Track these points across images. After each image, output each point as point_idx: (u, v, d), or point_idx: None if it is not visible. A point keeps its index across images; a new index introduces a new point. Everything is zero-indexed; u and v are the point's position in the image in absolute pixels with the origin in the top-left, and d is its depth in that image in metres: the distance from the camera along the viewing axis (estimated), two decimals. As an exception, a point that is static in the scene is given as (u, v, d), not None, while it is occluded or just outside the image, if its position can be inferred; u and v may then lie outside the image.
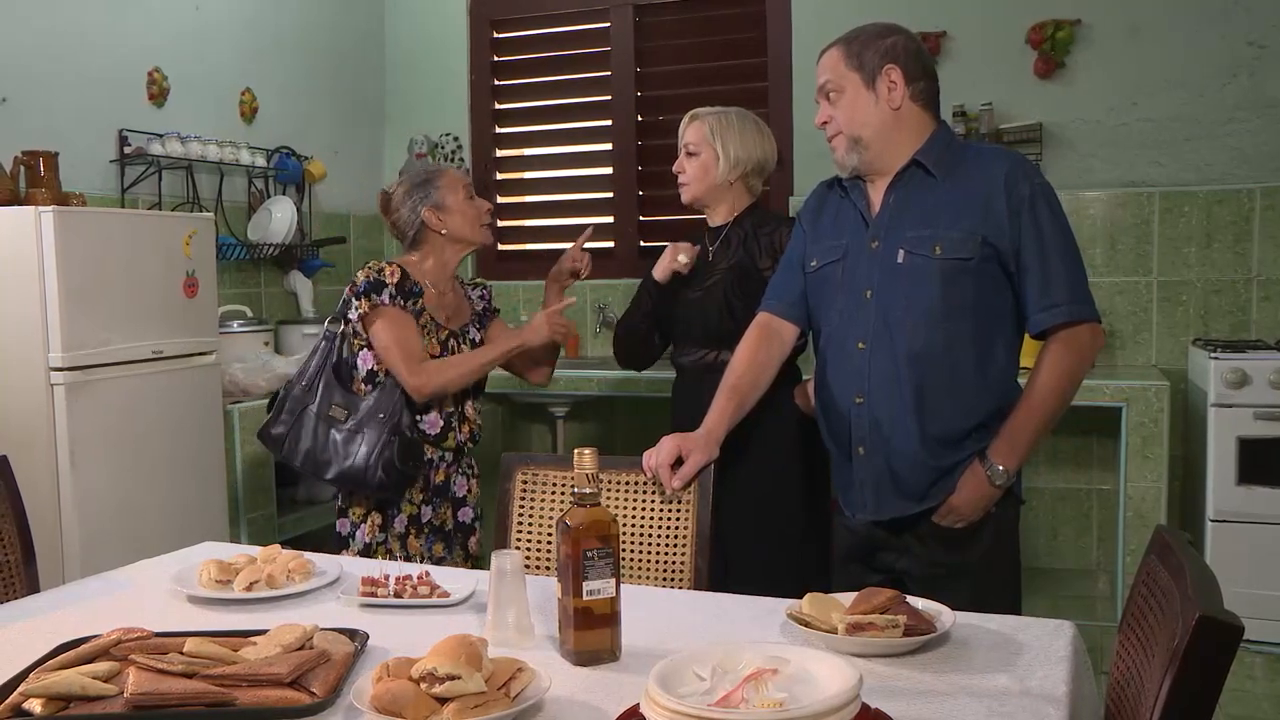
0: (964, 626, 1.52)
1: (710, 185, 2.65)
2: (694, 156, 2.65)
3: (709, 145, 2.63)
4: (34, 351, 2.72)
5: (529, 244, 4.87)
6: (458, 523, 2.66)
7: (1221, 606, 1.15)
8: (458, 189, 2.64)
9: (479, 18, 4.77)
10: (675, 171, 2.69)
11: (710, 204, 2.68)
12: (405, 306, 2.55)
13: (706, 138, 2.63)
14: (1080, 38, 3.92)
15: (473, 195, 2.67)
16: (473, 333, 2.69)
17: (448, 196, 2.62)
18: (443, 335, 2.62)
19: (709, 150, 2.63)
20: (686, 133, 2.68)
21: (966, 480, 1.96)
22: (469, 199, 2.65)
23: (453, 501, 2.65)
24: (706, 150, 2.63)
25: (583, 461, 1.48)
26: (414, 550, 2.58)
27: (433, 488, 2.61)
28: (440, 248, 2.65)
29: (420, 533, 2.59)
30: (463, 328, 2.68)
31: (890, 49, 1.99)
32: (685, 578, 2.07)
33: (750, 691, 1.14)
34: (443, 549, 2.63)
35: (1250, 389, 3.34)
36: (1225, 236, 3.79)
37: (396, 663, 1.27)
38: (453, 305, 2.68)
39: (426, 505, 2.61)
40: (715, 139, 2.63)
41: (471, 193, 2.67)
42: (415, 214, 2.62)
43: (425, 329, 2.59)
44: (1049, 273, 1.92)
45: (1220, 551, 3.35)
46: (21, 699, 1.27)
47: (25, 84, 3.22)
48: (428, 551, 2.60)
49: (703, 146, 2.64)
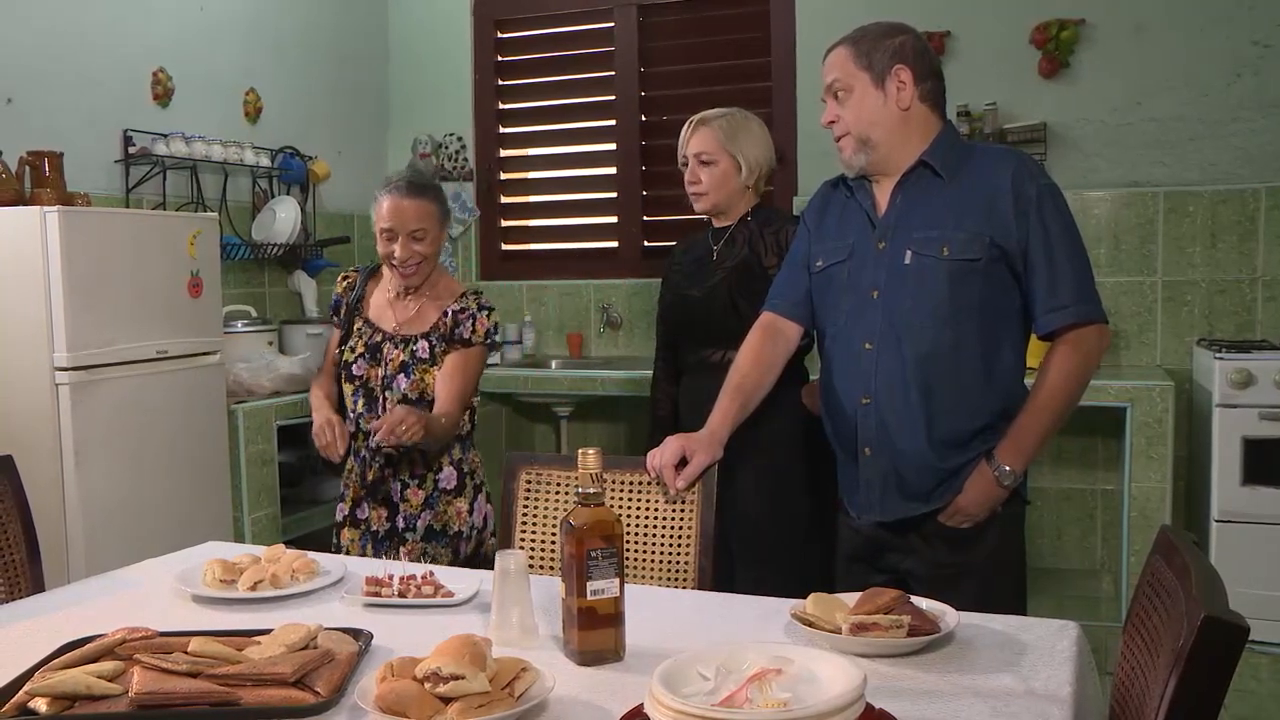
0: (968, 627, 1.52)
1: (729, 192, 2.63)
2: (710, 165, 2.62)
3: (725, 153, 2.60)
4: (39, 351, 2.73)
5: (532, 244, 4.88)
6: (394, 528, 2.52)
7: (1226, 607, 1.14)
8: (377, 224, 2.51)
9: (483, 17, 4.77)
10: (689, 181, 2.65)
11: (726, 210, 2.66)
12: (336, 321, 2.64)
13: (722, 145, 2.60)
14: (1084, 37, 3.91)
15: (391, 237, 2.47)
16: (420, 344, 2.52)
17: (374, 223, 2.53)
18: (375, 338, 2.55)
19: (726, 158, 2.61)
20: (694, 140, 2.64)
21: (973, 481, 1.95)
22: (384, 239, 2.49)
23: (388, 505, 2.53)
24: (724, 158, 2.61)
25: (587, 461, 1.48)
26: (345, 540, 2.57)
27: (366, 485, 2.54)
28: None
29: (355, 525, 2.56)
30: (410, 336, 2.53)
31: (899, 48, 1.98)
32: (689, 578, 2.07)
33: (754, 691, 1.14)
34: (372, 551, 2.53)
35: (1255, 389, 3.33)
36: (1230, 236, 3.78)
37: (400, 662, 1.27)
38: (407, 312, 2.57)
39: (362, 503, 2.56)
40: (732, 145, 2.61)
41: (390, 233, 2.47)
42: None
43: (359, 333, 2.58)
44: (1056, 273, 1.92)
45: (1225, 552, 3.34)
46: (27, 698, 1.28)
47: (30, 84, 3.23)
48: (362, 550, 2.55)
49: (719, 154, 2.61)
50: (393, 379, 2.51)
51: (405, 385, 2.50)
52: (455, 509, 2.54)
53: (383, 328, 2.57)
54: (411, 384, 2.50)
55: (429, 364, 2.51)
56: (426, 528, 2.52)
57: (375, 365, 2.54)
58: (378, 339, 2.55)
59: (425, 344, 2.52)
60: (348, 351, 2.58)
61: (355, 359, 2.55)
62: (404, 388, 2.50)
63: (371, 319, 2.59)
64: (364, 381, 2.54)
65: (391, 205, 2.48)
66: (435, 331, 2.53)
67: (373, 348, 2.55)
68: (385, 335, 2.56)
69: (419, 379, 2.50)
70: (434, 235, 2.51)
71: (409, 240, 2.48)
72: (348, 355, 2.57)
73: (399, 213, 2.47)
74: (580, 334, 4.61)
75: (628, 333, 4.59)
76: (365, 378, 2.54)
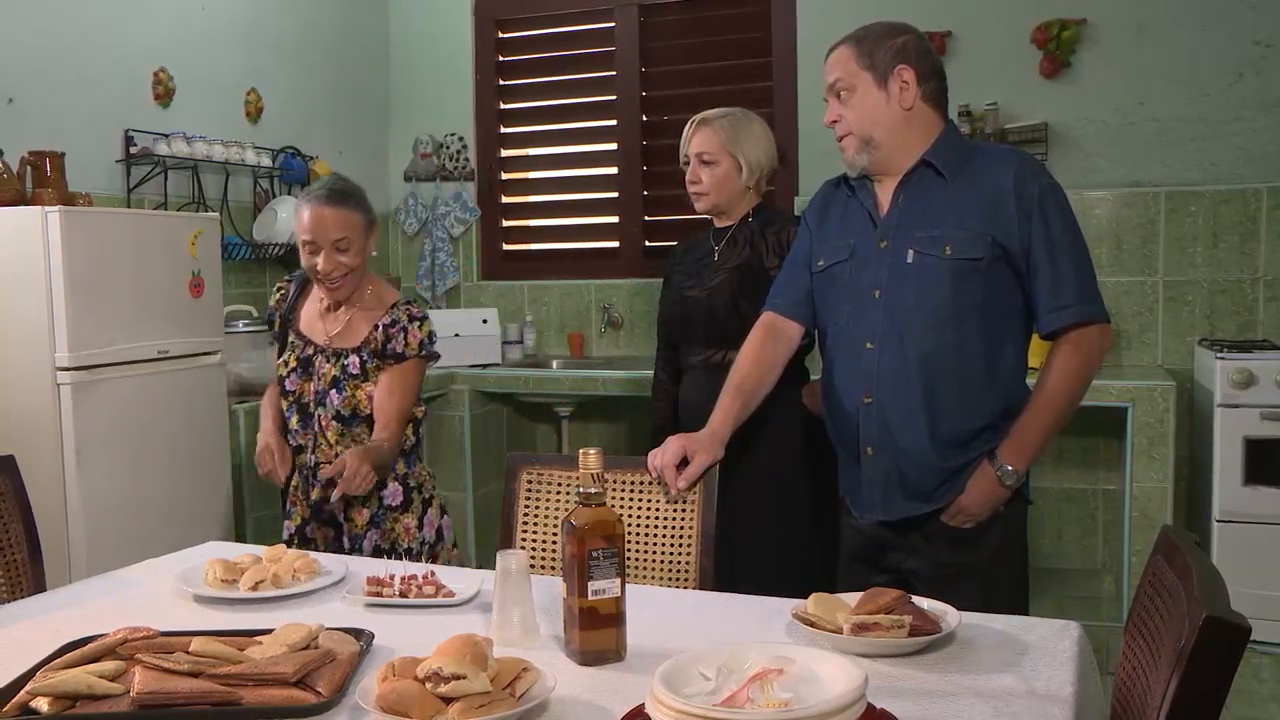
0: (969, 627, 1.52)
1: (731, 193, 2.63)
2: (711, 165, 2.62)
3: (727, 153, 2.60)
4: (40, 351, 2.73)
5: (533, 244, 4.88)
6: (340, 548, 2.43)
7: (1228, 607, 1.14)
8: (298, 234, 2.41)
9: (484, 18, 4.77)
10: (690, 181, 2.65)
11: (727, 210, 2.66)
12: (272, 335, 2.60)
13: (724, 145, 2.60)
14: (1086, 37, 3.91)
15: (313, 250, 2.38)
16: (351, 359, 2.42)
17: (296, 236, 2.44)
18: (307, 351, 2.47)
19: (728, 159, 2.61)
20: (696, 140, 2.64)
21: (975, 480, 1.95)
22: (307, 252, 2.40)
23: (334, 525, 2.46)
24: (725, 159, 2.61)
25: (588, 461, 1.48)
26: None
27: (310, 503, 2.46)
28: None
29: (304, 544, 2.45)
30: (342, 350, 2.44)
31: (902, 48, 1.98)
32: (690, 578, 2.07)
33: (755, 691, 1.14)
34: None
35: (1256, 389, 3.33)
36: (1231, 236, 3.78)
37: (402, 662, 1.27)
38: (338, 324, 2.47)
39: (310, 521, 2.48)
40: (734, 146, 2.60)
41: (311, 245, 2.38)
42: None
43: (292, 346, 2.51)
44: (1058, 273, 1.91)
45: (1226, 552, 3.34)
46: (29, 697, 1.28)
47: (32, 84, 3.23)
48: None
49: (720, 155, 2.61)
50: (325, 394, 2.43)
51: (338, 401, 2.41)
52: (403, 525, 2.47)
53: (314, 341, 2.48)
54: (344, 400, 2.41)
55: (361, 379, 2.42)
56: (374, 547, 2.44)
57: (307, 380, 2.46)
58: (309, 352, 2.47)
59: (356, 359, 2.43)
60: (281, 365, 2.51)
61: (288, 373, 2.48)
62: (336, 403, 2.41)
63: (303, 331, 2.51)
64: (297, 397, 2.46)
65: (313, 215, 2.37)
66: (367, 346, 2.43)
67: (304, 361, 2.47)
68: (316, 349, 2.47)
69: (350, 395, 2.41)
70: (359, 245, 2.40)
71: (332, 252, 2.37)
72: (281, 369, 2.50)
73: (320, 223, 2.36)
74: (581, 334, 4.61)
75: (629, 333, 4.59)
76: (298, 393, 2.46)
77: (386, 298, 2.50)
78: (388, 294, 2.52)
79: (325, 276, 2.39)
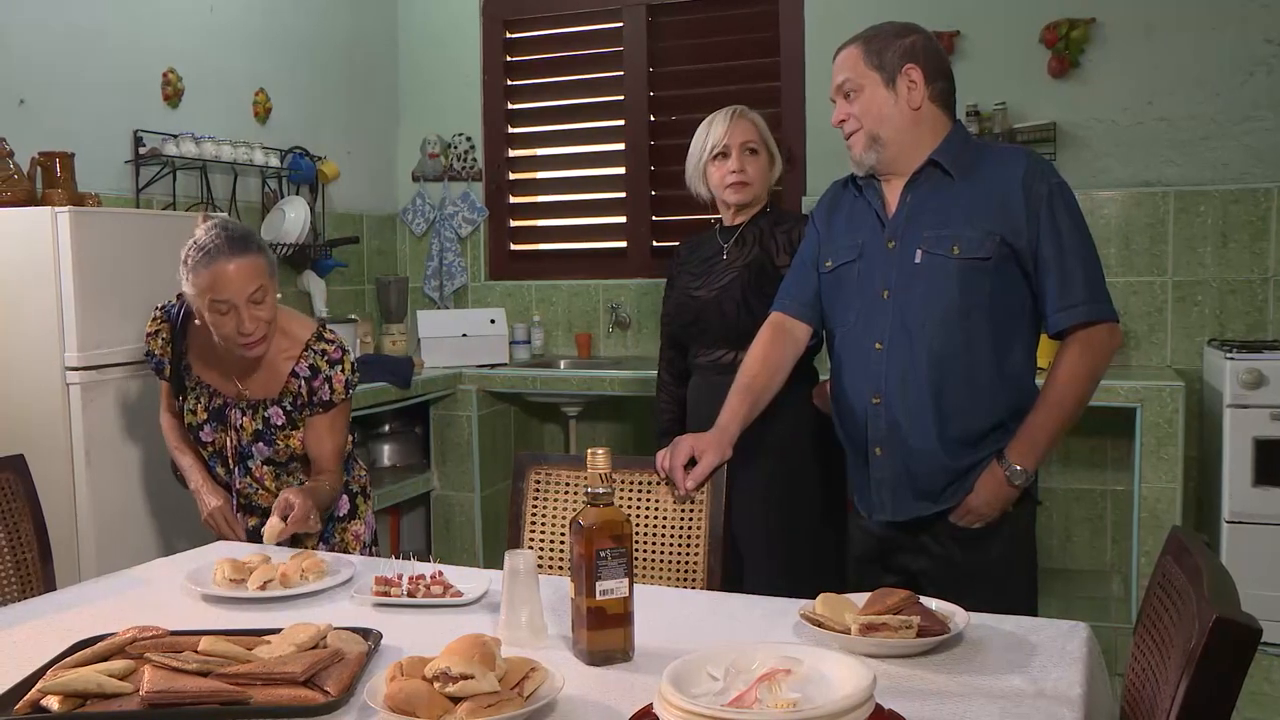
0: (978, 627, 1.52)
1: (767, 186, 2.67)
2: (756, 155, 2.63)
3: (765, 146, 2.64)
4: (50, 351, 2.73)
5: (541, 244, 4.88)
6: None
7: (1238, 608, 1.14)
8: (202, 298, 2.12)
9: (492, 18, 4.78)
10: (733, 170, 2.60)
11: (756, 204, 2.66)
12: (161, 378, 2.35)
13: (763, 137, 2.64)
14: (1095, 36, 3.90)
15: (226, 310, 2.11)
16: (273, 411, 2.26)
17: (194, 298, 2.16)
18: (215, 403, 2.28)
19: (765, 151, 2.64)
20: (738, 129, 2.61)
21: (984, 480, 1.95)
22: (218, 313, 2.12)
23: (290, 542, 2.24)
24: (764, 151, 2.64)
25: (596, 461, 1.48)
26: None
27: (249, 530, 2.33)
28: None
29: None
30: (260, 402, 2.26)
31: (910, 48, 1.98)
32: (698, 578, 2.07)
33: (764, 692, 1.14)
34: None
35: (1267, 389, 3.32)
36: (1241, 236, 3.76)
37: (410, 662, 1.27)
38: (248, 375, 2.27)
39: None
40: (769, 140, 2.65)
41: (226, 306, 2.11)
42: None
43: (194, 392, 2.30)
44: (1067, 272, 1.91)
45: (1236, 553, 3.33)
46: (39, 696, 1.28)
47: (42, 85, 3.24)
48: None
49: (761, 146, 2.64)
50: (249, 447, 2.29)
51: (267, 452, 2.29)
52: (352, 533, 2.43)
53: (222, 393, 2.28)
54: (275, 450, 2.29)
55: (289, 429, 2.27)
56: None
57: (223, 431, 2.29)
58: (218, 403, 2.28)
59: (279, 410, 2.26)
60: (188, 414, 2.31)
61: (201, 424, 2.30)
62: (266, 454, 2.29)
63: (204, 380, 2.30)
64: (217, 449, 2.31)
65: (216, 273, 2.09)
66: (287, 396, 2.26)
67: (215, 412, 2.28)
68: (226, 401, 2.27)
69: (283, 445, 2.28)
70: (271, 291, 2.17)
71: (249, 307, 2.11)
72: (189, 418, 2.31)
73: (226, 280, 2.09)
74: (589, 334, 4.61)
75: (636, 333, 4.59)
76: (216, 444, 2.31)
77: (298, 332, 2.29)
78: (297, 326, 2.30)
79: (249, 338, 2.14)
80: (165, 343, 2.32)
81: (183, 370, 2.33)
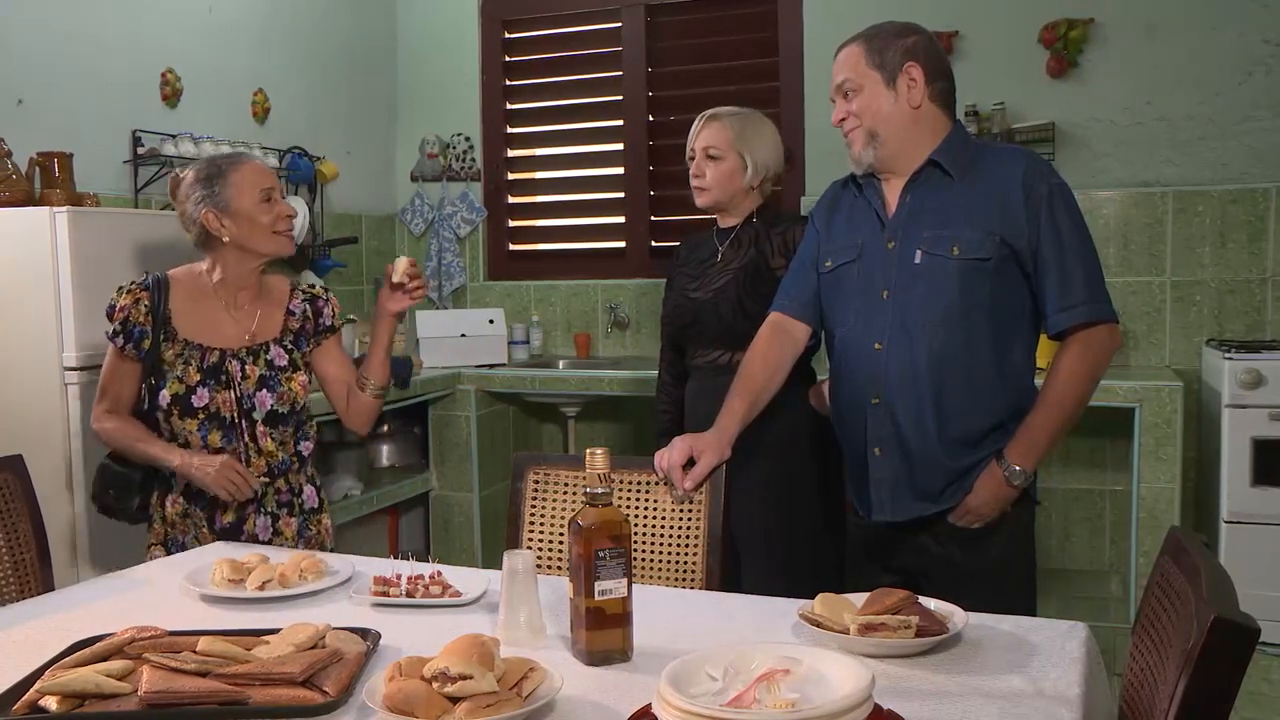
0: (976, 628, 1.52)
1: (733, 191, 2.61)
2: (716, 161, 2.60)
3: (734, 151, 2.59)
4: (48, 351, 2.73)
5: (540, 244, 4.88)
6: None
7: (1237, 608, 1.14)
8: (251, 190, 2.22)
9: (490, 18, 4.78)
10: (694, 174, 2.64)
11: (728, 209, 2.66)
12: (124, 349, 2.23)
13: (732, 143, 2.59)
14: (1093, 36, 3.90)
15: (271, 197, 2.25)
16: (275, 352, 2.27)
17: (236, 199, 2.21)
18: (210, 359, 2.22)
19: (734, 156, 2.59)
20: (704, 134, 2.62)
21: (984, 480, 1.95)
22: (264, 201, 2.23)
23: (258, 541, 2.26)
24: (731, 156, 2.59)
25: (595, 461, 1.48)
26: None
27: (218, 529, 2.25)
28: (226, 257, 2.26)
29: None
30: (258, 346, 2.27)
31: (911, 48, 1.99)
32: (697, 578, 2.07)
33: (762, 692, 1.14)
34: None
35: (1265, 389, 3.32)
36: (1240, 236, 3.77)
37: (409, 662, 1.27)
38: (250, 318, 2.29)
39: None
40: (742, 144, 2.59)
41: (271, 194, 2.25)
42: (195, 214, 2.24)
43: (182, 358, 2.23)
44: (1066, 273, 1.91)
45: (1235, 553, 3.33)
46: (38, 696, 1.28)
47: (41, 85, 3.24)
48: None
49: (727, 151, 2.59)
50: (253, 396, 2.23)
51: (271, 400, 2.24)
52: (324, 526, 2.39)
53: (217, 345, 2.25)
54: (279, 396, 2.25)
55: (291, 370, 2.27)
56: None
57: (222, 388, 2.23)
58: (214, 359, 2.23)
59: (280, 350, 2.27)
60: (173, 383, 2.21)
61: (192, 389, 2.21)
62: (270, 403, 2.24)
63: (192, 339, 2.25)
64: (213, 412, 2.22)
65: (256, 165, 2.26)
66: (288, 334, 2.30)
67: (211, 370, 2.23)
68: (225, 352, 2.24)
69: (286, 389, 2.26)
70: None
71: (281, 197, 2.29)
72: (174, 388, 2.21)
73: (265, 169, 2.29)
74: (588, 334, 4.61)
75: (635, 333, 4.59)
76: (211, 405, 2.22)
77: (278, 282, 2.38)
78: (277, 280, 2.39)
79: (289, 227, 2.30)
80: (147, 311, 2.24)
81: (161, 342, 2.24)
